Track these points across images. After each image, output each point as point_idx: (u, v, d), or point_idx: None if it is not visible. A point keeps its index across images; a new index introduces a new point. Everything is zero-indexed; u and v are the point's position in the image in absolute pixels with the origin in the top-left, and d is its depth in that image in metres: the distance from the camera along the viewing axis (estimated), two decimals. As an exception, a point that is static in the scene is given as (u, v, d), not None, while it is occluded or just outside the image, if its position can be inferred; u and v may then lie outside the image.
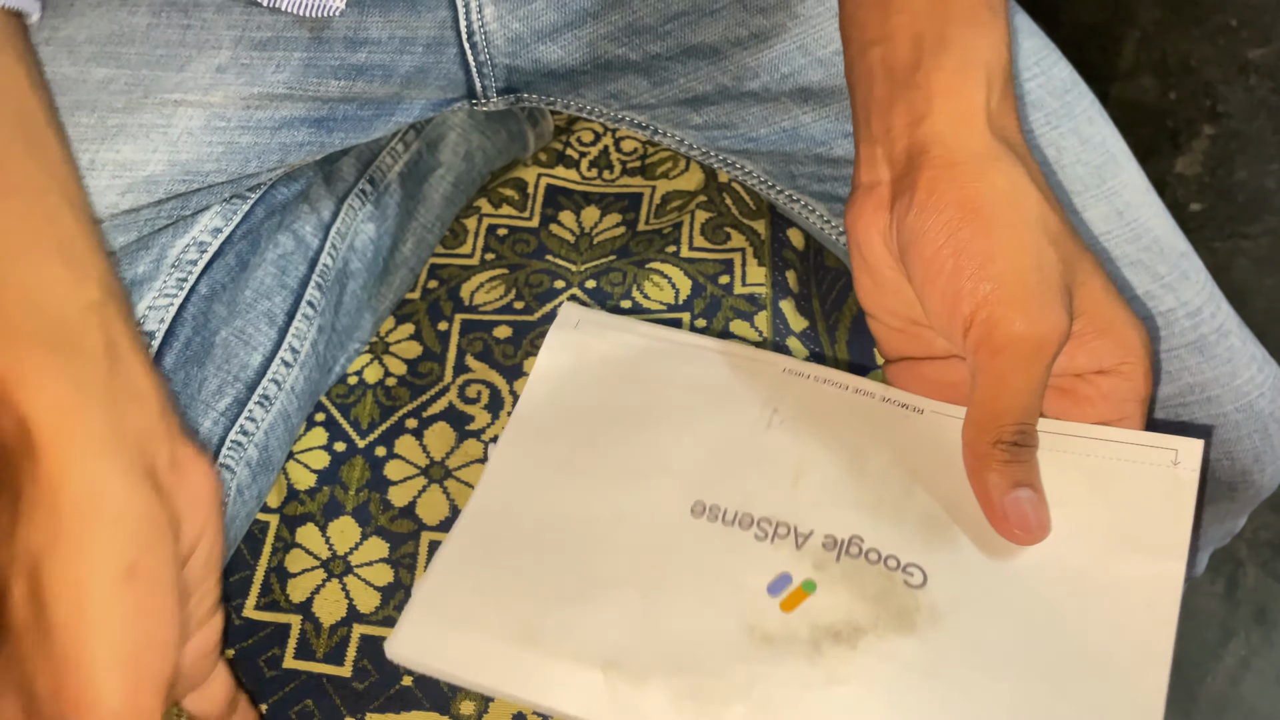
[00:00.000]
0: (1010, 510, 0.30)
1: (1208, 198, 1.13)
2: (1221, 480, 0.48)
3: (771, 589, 0.29)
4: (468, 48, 0.45)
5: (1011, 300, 0.30)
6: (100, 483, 0.27)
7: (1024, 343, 0.30)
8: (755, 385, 0.30)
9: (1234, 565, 0.92)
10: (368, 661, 0.42)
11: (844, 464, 0.30)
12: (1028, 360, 0.30)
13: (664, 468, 0.30)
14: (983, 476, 0.30)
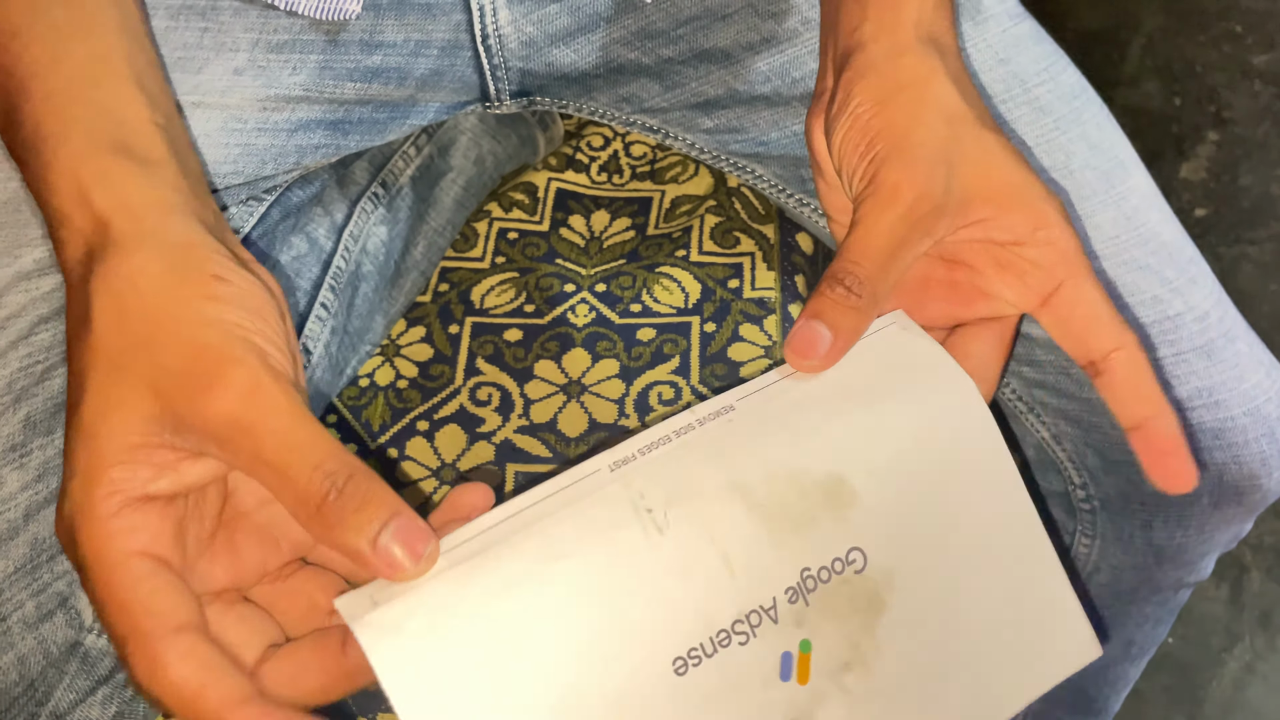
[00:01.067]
0: (795, 333, 0.31)
1: (1212, 203, 1.13)
2: (1229, 484, 0.48)
3: (784, 676, 0.29)
4: (482, 51, 0.46)
5: (887, 158, 0.33)
6: (195, 257, 0.28)
7: (883, 188, 0.32)
8: (606, 507, 0.28)
9: (1239, 570, 0.92)
10: (379, 662, 0.42)
11: (744, 514, 0.29)
12: (882, 206, 0.32)
13: (626, 657, 0.27)
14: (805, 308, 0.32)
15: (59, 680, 0.36)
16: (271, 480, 0.26)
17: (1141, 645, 0.60)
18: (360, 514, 0.25)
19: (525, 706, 0.26)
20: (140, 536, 0.26)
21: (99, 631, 0.36)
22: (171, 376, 0.26)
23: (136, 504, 0.26)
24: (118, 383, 0.26)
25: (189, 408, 0.26)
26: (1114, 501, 0.51)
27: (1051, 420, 0.49)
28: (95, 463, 0.26)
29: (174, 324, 0.27)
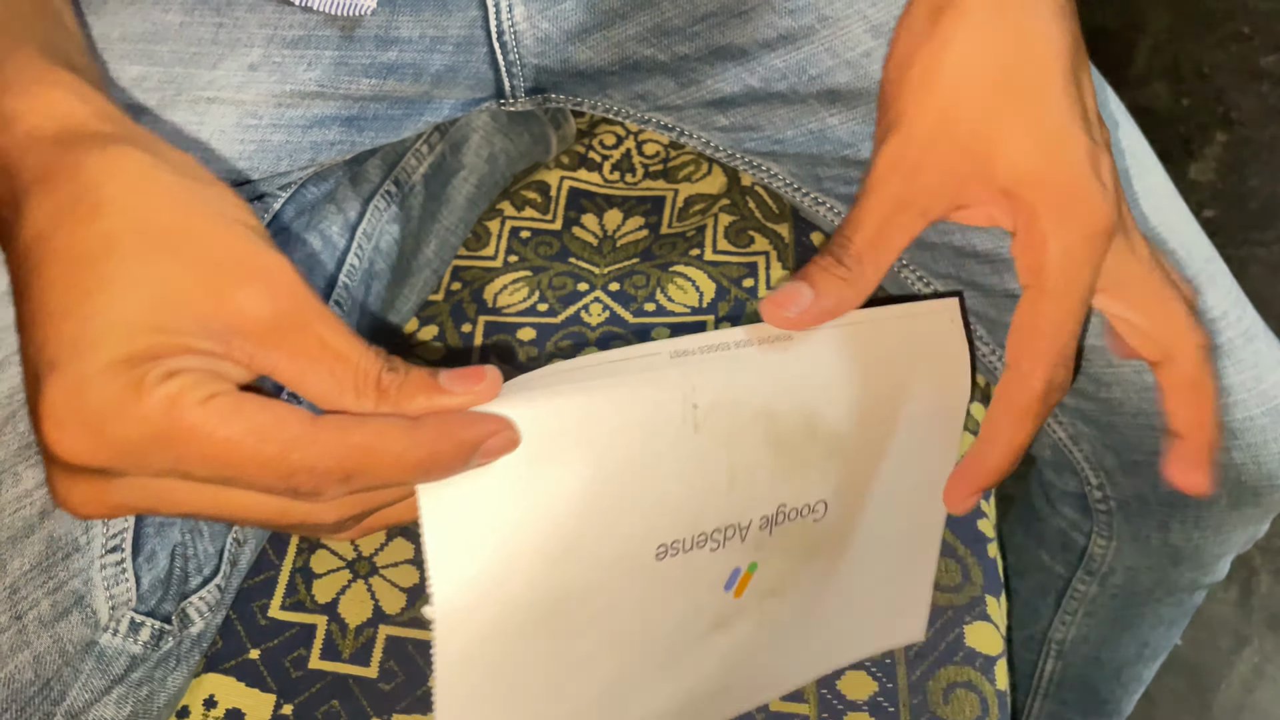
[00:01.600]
0: (780, 288, 0.32)
1: (1221, 204, 1.13)
2: (1247, 485, 0.48)
3: (726, 586, 0.32)
4: (497, 47, 0.45)
5: (897, 121, 0.34)
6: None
7: (882, 161, 0.33)
8: (661, 389, 0.29)
9: (1248, 572, 0.92)
10: (394, 663, 0.42)
11: (761, 439, 0.31)
12: (878, 182, 0.33)
13: (624, 529, 0.29)
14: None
15: (74, 679, 0.35)
16: (325, 369, 0.25)
17: (1155, 647, 0.59)
18: (417, 375, 0.26)
19: (531, 553, 0.28)
20: (204, 386, 0.24)
21: (114, 630, 0.36)
22: (214, 267, 0.25)
23: (180, 372, 0.24)
24: (146, 269, 0.24)
25: (234, 299, 0.25)
26: (1131, 502, 0.51)
27: (1069, 421, 0.49)
28: (123, 336, 0.24)
29: (207, 219, 0.25)
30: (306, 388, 0.26)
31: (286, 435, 0.24)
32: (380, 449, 0.25)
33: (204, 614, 0.40)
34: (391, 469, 0.25)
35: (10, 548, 0.34)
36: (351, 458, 0.24)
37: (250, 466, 0.24)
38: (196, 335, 0.24)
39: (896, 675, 0.41)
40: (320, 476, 0.24)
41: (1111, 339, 0.37)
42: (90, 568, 0.36)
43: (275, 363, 0.25)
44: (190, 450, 0.24)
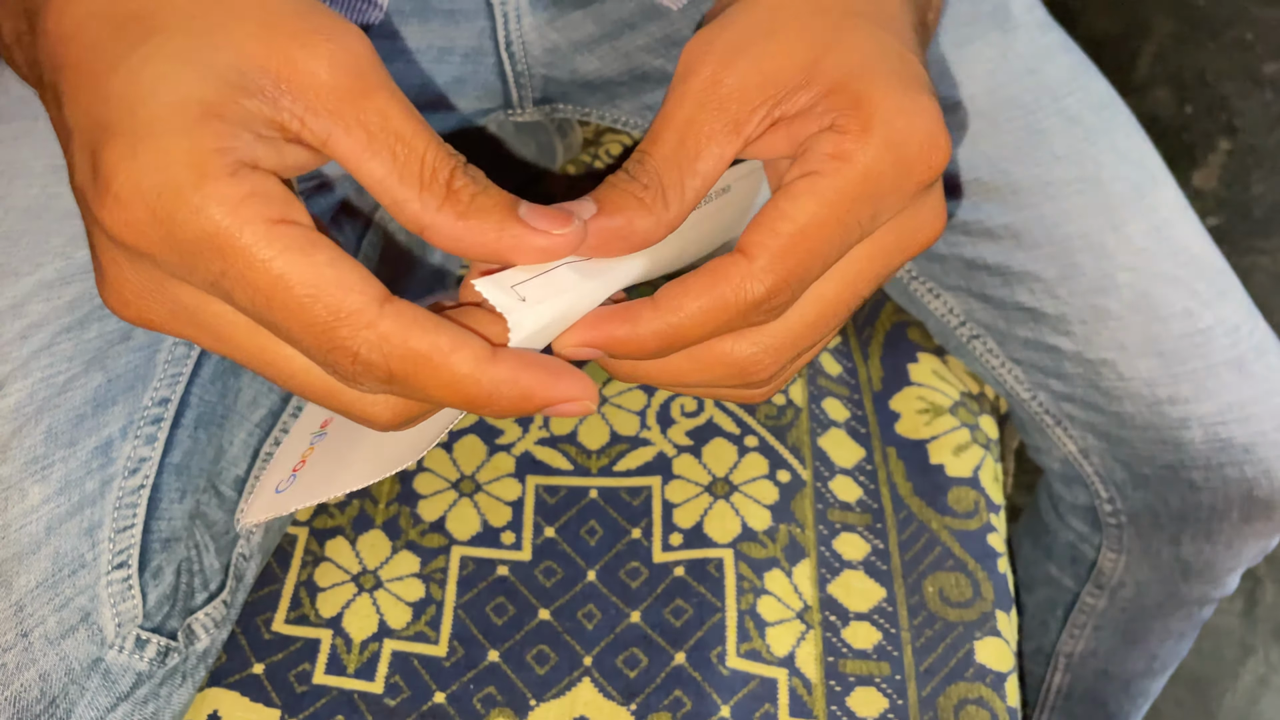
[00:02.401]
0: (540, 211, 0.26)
1: (1224, 212, 1.13)
2: (1259, 499, 0.47)
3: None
4: (505, 58, 0.45)
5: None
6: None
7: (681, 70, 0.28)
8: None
9: (1253, 583, 0.92)
10: (399, 678, 0.42)
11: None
12: (676, 89, 0.27)
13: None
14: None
15: (80, 697, 0.35)
16: (386, 149, 0.22)
17: (1164, 660, 0.59)
18: (497, 194, 0.23)
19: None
20: (275, 204, 0.21)
21: (120, 647, 0.36)
22: (268, 17, 0.21)
23: (250, 169, 0.21)
24: (194, 19, 0.21)
25: (286, 50, 0.21)
26: (1142, 516, 0.50)
27: (1079, 434, 0.49)
28: (188, 112, 0.20)
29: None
30: (364, 169, 0.22)
31: (344, 305, 0.21)
32: (439, 367, 0.21)
33: (210, 630, 0.40)
34: (440, 391, 0.22)
35: (16, 564, 0.34)
36: (403, 362, 0.21)
37: (293, 320, 0.21)
38: (246, 90, 0.21)
39: (907, 692, 0.41)
40: (362, 366, 0.21)
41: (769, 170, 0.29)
42: (97, 584, 0.35)
43: (329, 132, 0.22)
44: (238, 269, 0.21)
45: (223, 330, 0.23)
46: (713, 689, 0.39)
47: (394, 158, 0.22)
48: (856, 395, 0.49)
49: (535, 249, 0.22)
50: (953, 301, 0.49)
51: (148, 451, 0.38)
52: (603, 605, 0.42)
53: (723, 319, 0.23)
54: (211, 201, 0.20)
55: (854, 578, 0.43)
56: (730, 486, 0.45)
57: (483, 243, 0.22)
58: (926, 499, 0.46)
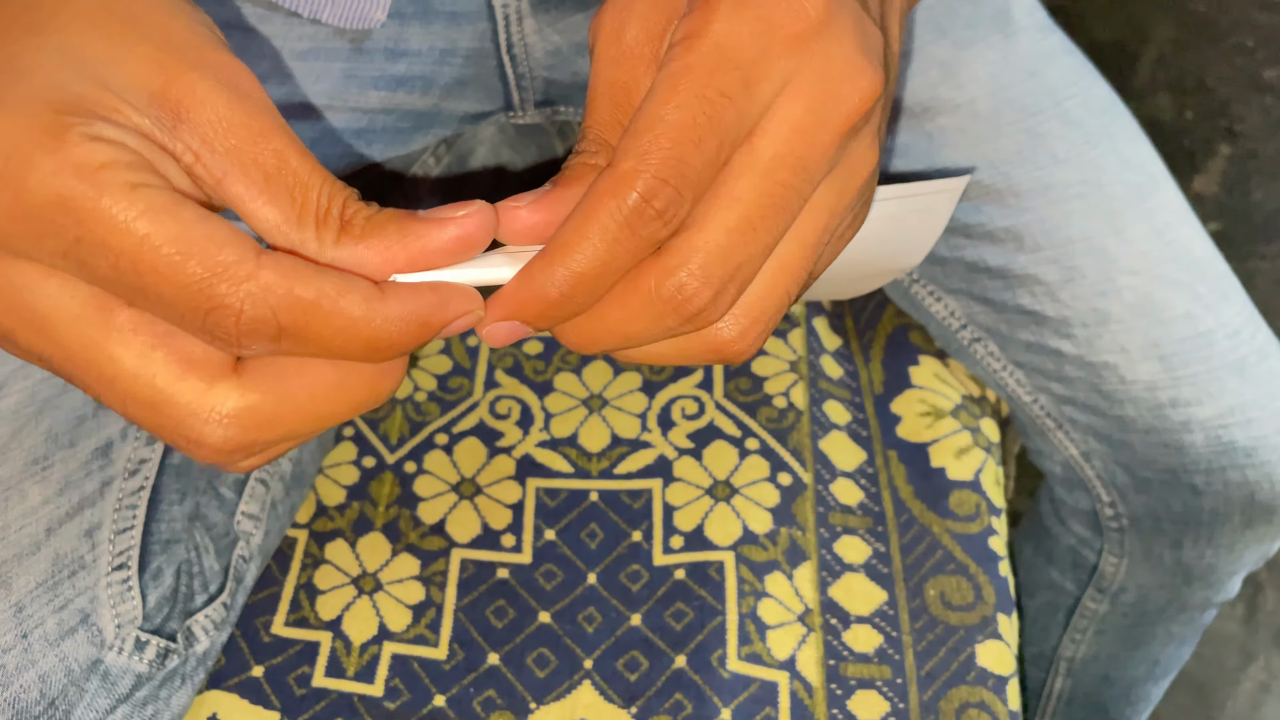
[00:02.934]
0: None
1: (1225, 218, 1.13)
2: (1260, 503, 0.47)
3: None
4: (507, 60, 0.45)
5: None
6: None
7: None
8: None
9: (1254, 589, 0.92)
10: (399, 680, 0.41)
11: None
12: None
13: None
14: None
15: (79, 699, 0.35)
16: (282, 189, 0.21)
17: (1165, 665, 0.59)
18: (390, 211, 0.21)
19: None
20: (137, 170, 0.20)
21: (120, 649, 0.36)
22: (172, 47, 0.21)
23: (109, 141, 0.20)
24: (98, 31, 0.21)
25: (187, 79, 0.20)
26: (1143, 520, 0.50)
27: (1080, 437, 0.49)
28: (56, 94, 0.20)
29: (172, 10, 0.22)
30: (255, 211, 0.21)
31: (220, 258, 0.19)
32: (330, 311, 0.20)
33: (209, 632, 0.39)
34: (335, 338, 0.20)
35: (16, 565, 0.34)
36: (292, 311, 0.20)
37: (165, 282, 0.19)
38: (138, 108, 0.20)
39: (909, 696, 0.40)
40: (246, 324, 0.20)
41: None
42: (96, 585, 0.35)
43: (225, 171, 0.21)
44: (97, 235, 0.19)
45: (48, 318, 0.20)
46: (714, 692, 0.39)
47: (291, 200, 0.21)
48: (858, 398, 0.49)
49: (445, 239, 0.21)
50: (954, 304, 0.49)
51: (147, 453, 0.38)
52: (603, 608, 0.42)
53: (612, 239, 0.21)
54: (67, 166, 0.19)
55: (855, 581, 0.43)
56: (731, 489, 0.45)
57: (389, 256, 0.21)
58: (928, 502, 0.46)
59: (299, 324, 0.20)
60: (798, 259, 0.23)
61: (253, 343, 0.20)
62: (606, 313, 0.22)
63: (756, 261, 0.22)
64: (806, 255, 0.23)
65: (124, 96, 0.20)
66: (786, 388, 0.48)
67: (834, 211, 0.23)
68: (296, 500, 0.44)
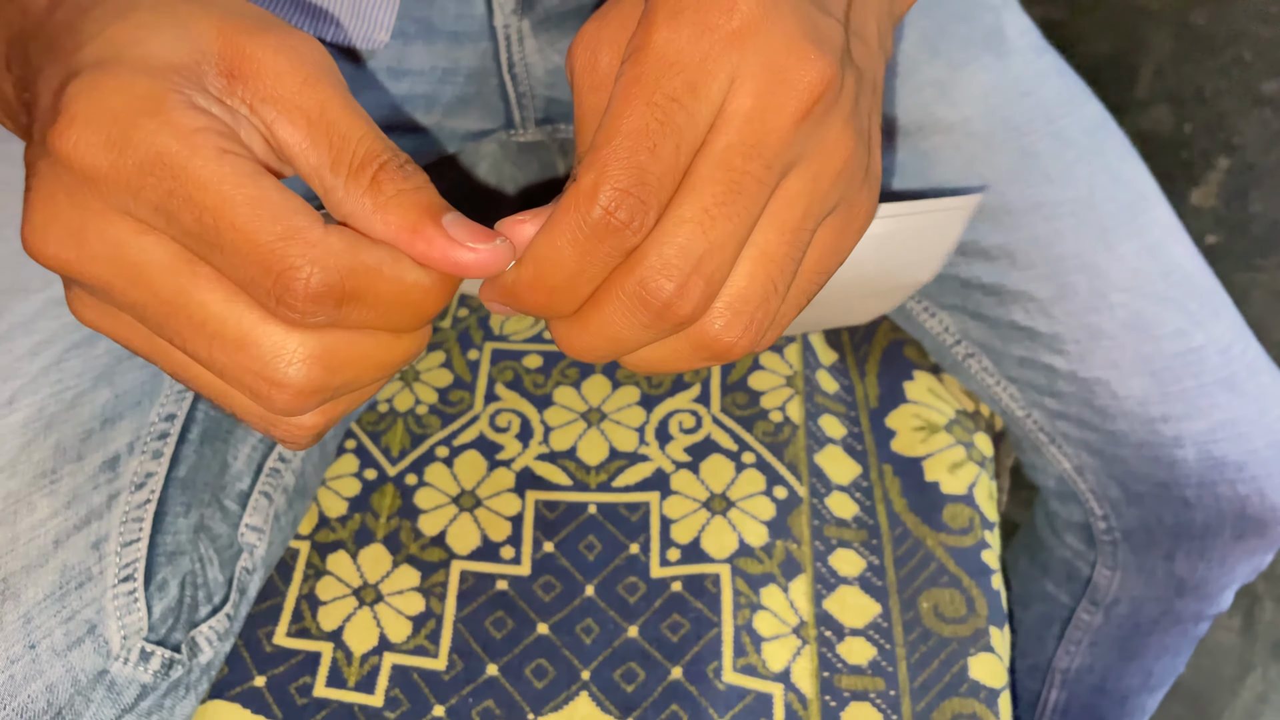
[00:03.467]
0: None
1: (1223, 230, 1.13)
2: (1251, 517, 0.48)
3: None
4: (508, 79, 0.46)
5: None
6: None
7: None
8: None
9: (1251, 600, 0.92)
10: (399, 691, 0.42)
11: None
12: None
13: None
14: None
15: (85, 708, 0.35)
16: (324, 137, 0.22)
17: (1160, 677, 0.59)
18: (427, 195, 0.22)
19: None
20: (227, 139, 0.21)
21: (125, 659, 0.36)
22: (234, 16, 0.23)
23: (205, 111, 0.22)
24: (167, 9, 0.23)
25: (244, 43, 0.22)
26: (1136, 533, 0.51)
27: (1074, 451, 0.49)
28: (153, 62, 0.22)
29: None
30: (302, 157, 0.22)
31: (293, 222, 0.21)
32: (390, 275, 0.22)
33: (213, 643, 0.40)
34: (393, 303, 0.22)
35: (24, 576, 0.35)
36: (356, 275, 0.21)
37: (243, 238, 0.21)
38: (206, 74, 0.22)
39: (901, 707, 0.41)
40: (314, 287, 0.21)
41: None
42: (103, 596, 0.36)
43: (274, 118, 0.22)
44: (187, 189, 0.21)
45: (143, 268, 0.22)
46: (709, 703, 0.40)
47: (329, 146, 0.22)
48: (853, 413, 0.50)
49: (450, 260, 0.22)
50: (948, 320, 0.49)
51: (154, 466, 0.39)
52: (601, 620, 0.43)
53: (580, 251, 0.22)
54: (167, 126, 0.21)
55: (850, 593, 0.44)
56: (727, 502, 0.45)
57: (395, 240, 0.22)
58: (922, 515, 0.46)
59: (364, 285, 0.21)
60: (777, 246, 0.23)
61: (318, 307, 0.21)
62: (589, 319, 0.23)
63: (723, 251, 0.22)
64: (788, 241, 0.23)
65: (196, 60, 0.22)
66: (783, 402, 0.48)
67: (812, 198, 0.23)
68: (299, 512, 0.45)
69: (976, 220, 0.46)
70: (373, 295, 0.22)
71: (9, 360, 0.37)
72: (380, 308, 0.22)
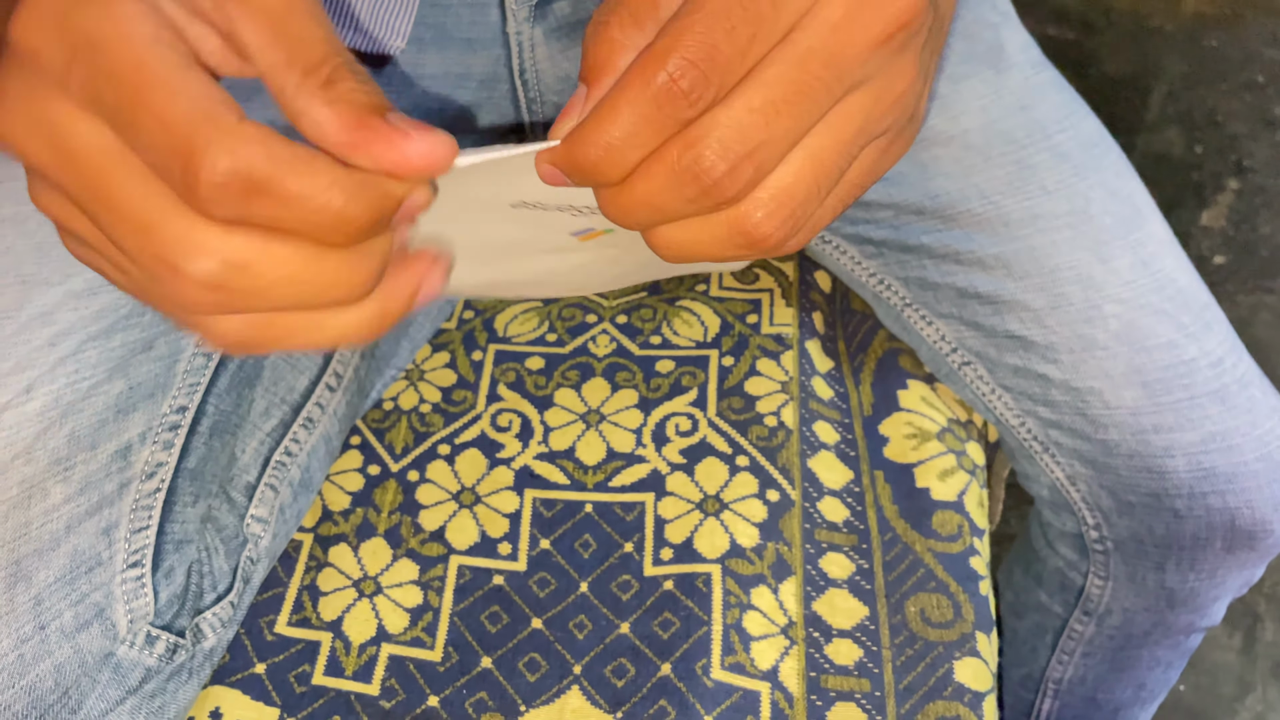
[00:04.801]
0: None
1: (1231, 251, 1.13)
2: (1241, 529, 0.48)
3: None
4: (519, 85, 0.47)
5: None
6: None
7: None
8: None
9: (1252, 620, 0.92)
10: (395, 681, 0.43)
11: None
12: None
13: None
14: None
15: (91, 689, 0.36)
16: (283, 36, 0.22)
17: (1152, 689, 0.60)
18: (376, 96, 0.22)
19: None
20: (166, 34, 0.22)
21: (131, 643, 0.37)
22: None
23: (155, 12, 0.22)
24: None
25: None
26: (1127, 544, 0.51)
27: (1066, 461, 0.50)
28: None
29: None
30: (261, 57, 0.22)
31: (207, 107, 0.21)
32: (305, 173, 0.21)
33: (217, 629, 0.41)
34: (304, 201, 0.21)
35: (37, 560, 0.36)
36: (268, 165, 0.21)
37: (156, 122, 0.21)
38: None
39: (886, 708, 0.42)
40: (221, 172, 0.21)
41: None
42: (111, 581, 0.37)
43: (236, 16, 0.22)
44: (111, 69, 0.21)
45: (74, 151, 0.22)
46: (697, 700, 0.41)
47: (288, 45, 0.22)
48: (847, 419, 0.51)
49: (395, 148, 0.22)
50: (944, 329, 0.50)
51: (164, 457, 0.40)
52: (593, 616, 0.44)
53: (640, 115, 0.22)
54: (105, 12, 0.22)
55: (838, 596, 0.45)
56: (721, 504, 0.46)
57: (340, 132, 0.22)
58: (911, 521, 0.47)
59: (275, 177, 0.21)
60: (829, 152, 0.24)
61: (225, 195, 0.21)
62: (636, 184, 0.24)
63: (778, 144, 0.23)
64: (838, 151, 0.24)
65: None
66: (777, 407, 0.49)
67: (869, 116, 0.24)
68: (304, 505, 0.46)
69: (974, 230, 0.47)
70: (284, 191, 0.21)
71: (27, 350, 0.38)
72: (294, 207, 0.21)
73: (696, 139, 0.22)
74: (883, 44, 0.23)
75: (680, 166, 0.23)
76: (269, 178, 0.21)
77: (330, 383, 0.46)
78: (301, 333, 0.25)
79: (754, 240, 0.24)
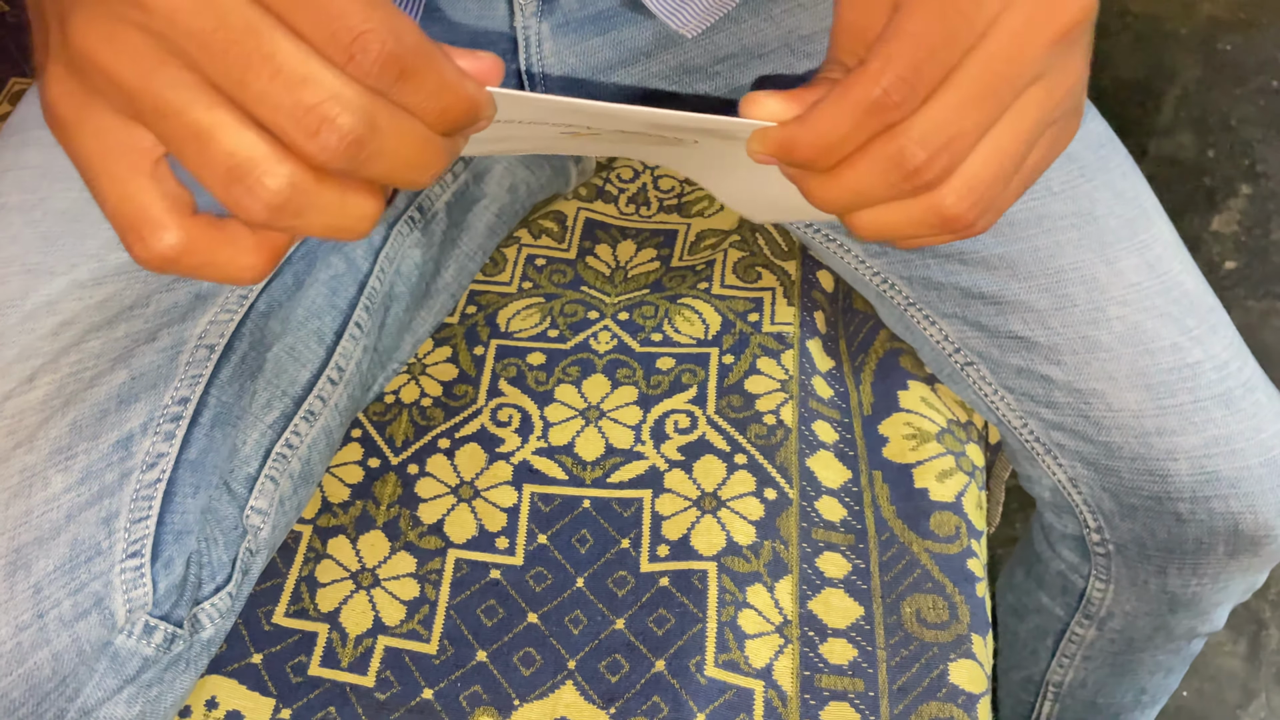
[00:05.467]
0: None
1: (1243, 256, 1.12)
2: (1244, 534, 0.48)
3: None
4: (525, 80, 0.47)
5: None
6: None
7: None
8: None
9: (1256, 626, 0.91)
10: (390, 673, 0.43)
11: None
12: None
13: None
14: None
15: (89, 677, 0.37)
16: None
17: (1153, 694, 0.59)
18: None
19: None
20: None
21: (129, 632, 0.38)
22: None
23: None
24: None
25: None
26: (1128, 547, 0.51)
27: (1069, 463, 0.50)
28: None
29: None
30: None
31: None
32: (442, 66, 0.23)
33: (215, 620, 0.41)
34: (445, 89, 0.23)
35: (37, 548, 0.36)
36: (418, 55, 0.22)
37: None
38: None
39: (879, 708, 0.41)
40: (388, 50, 0.22)
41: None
42: (110, 571, 0.37)
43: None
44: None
45: (228, 5, 0.22)
46: (690, 696, 0.41)
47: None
48: (847, 419, 0.51)
49: (479, 59, 0.24)
50: (948, 329, 0.50)
51: (166, 448, 0.40)
52: (589, 611, 0.44)
53: (856, 119, 0.26)
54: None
55: (834, 595, 0.45)
56: (718, 502, 0.46)
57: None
58: (909, 522, 0.47)
59: (421, 68, 0.22)
60: (1011, 142, 0.27)
61: (384, 72, 0.22)
62: (843, 173, 0.27)
63: (970, 136, 0.26)
64: (1020, 138, 0.27)
65: None
66: (777, 406, 0.49)
67: (1044, 107, 0.27)
68: (304, 497, 0.46)
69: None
70: (425, 79, 0.23)
71: (32, 339, 0.38)
72: (428, 94, 0.23)
73: (901, 133, 0.26)
74: (1057, 42, 0.27)
75: (887, 156, 0.26)
76: (418, 68, 0.22)
77: (332, 376, 0.46)
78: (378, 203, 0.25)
79: (947, 220, 0.27)
